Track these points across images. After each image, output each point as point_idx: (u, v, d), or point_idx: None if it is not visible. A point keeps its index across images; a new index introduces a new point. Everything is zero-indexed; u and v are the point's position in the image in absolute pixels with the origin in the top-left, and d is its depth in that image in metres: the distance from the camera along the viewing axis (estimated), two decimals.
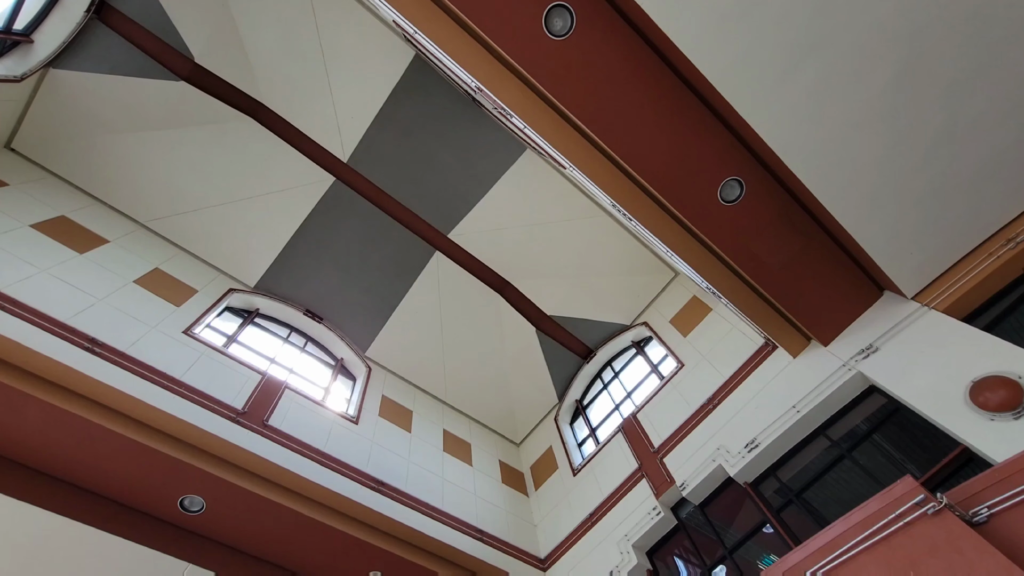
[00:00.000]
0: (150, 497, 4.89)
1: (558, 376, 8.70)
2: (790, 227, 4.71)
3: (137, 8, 6.11)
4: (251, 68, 6.74)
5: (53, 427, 4.47)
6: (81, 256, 5.64)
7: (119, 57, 6.22)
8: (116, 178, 6.70)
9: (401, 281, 8.02)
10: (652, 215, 4.65)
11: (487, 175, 7.60)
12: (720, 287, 5.07)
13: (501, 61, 3.98)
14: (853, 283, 5.06)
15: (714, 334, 6.76)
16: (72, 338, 4.64)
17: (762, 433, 5.15)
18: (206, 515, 4.98)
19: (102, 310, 5.16)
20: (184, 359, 5.37)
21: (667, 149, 4.26)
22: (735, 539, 5.12)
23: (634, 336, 8.32)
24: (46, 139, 6.38)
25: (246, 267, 7.44)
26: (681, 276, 8.12)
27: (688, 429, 6.00)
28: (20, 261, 5.02)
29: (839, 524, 2.76)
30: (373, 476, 5.80)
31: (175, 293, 6.19)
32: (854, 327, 5.16)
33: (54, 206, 6.01)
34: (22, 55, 5.86)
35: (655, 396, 6.86)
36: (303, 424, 5.74)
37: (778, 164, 4.30)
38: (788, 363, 5.49)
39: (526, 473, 8.27)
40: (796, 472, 5.05)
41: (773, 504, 4.92)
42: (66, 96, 6.23)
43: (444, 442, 7.51)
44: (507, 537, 6.54)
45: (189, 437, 4.83)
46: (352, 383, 7.58)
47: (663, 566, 5.62)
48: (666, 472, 5.85)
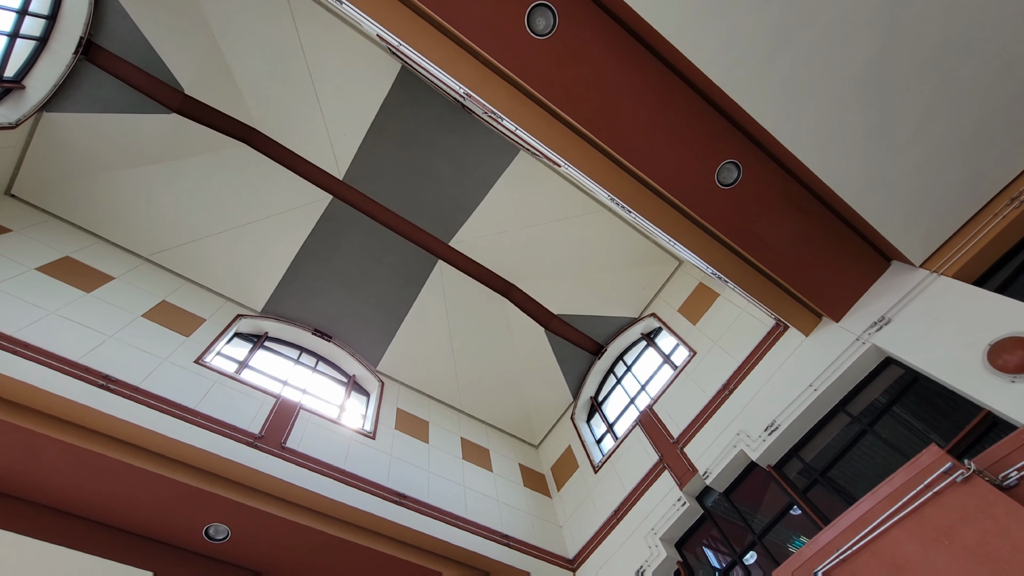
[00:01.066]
0: (175, 528, 4.90)
1: (571, 374, 8.68)
2: (791, 205, 4.68)
3: (124, 45, 6.17)
4: (241, 94, 6.79)
5: (73, 467, 4.49)
6: (88, 295, 5.68)
7: (110, 95, 6.28)
8: (117, 215, 6.76)
9: (406, 293, 8.03)
10: (651, 206, 4.63)
11: (483, 180, 7.60)
12: (726, 272, 5.05)
13: (487, 65, 3.99)
14: (859, 256, 5.02)
15: (724, 319, 6.72)
16: (86, 377, 4.67)
17: (781, 415, 5.11)
18: (232, 542, 4.98)
19: (113, 346, 5.19)
20: (198, 388, 5.39)
21: (661, 138, 4.25)
22: (763, 524, 5.07)
23: (643, 328, 8.29)
24: (45, 182, 6.44)
25: (252, 292, 7.47)
26: (686, 264, 8.10)
27: (706, 417, 5.96)
28: (28, 304, 5.06)
29: (867, 500, 2.72)
30: (394, 490, 5.79)
31: (184, 324, 6.22)
32: (864, 300, 5.12)
33: (58, 247, 6.06)
34: (15, 101, 5.93)
35: (670, 386, 6.82)
36: (321, 444, 5.74)
37: (774, 144, 4.29)
38: (801, 342, 5.45)
39: (547, 474, 8.23)
40: (819, 451, 5.00)
41: (798, 485, 4.87)
42: (61, 138, 6.29)
43: (463, 450, 7.49)
44: (533, 540, 6.51)
45: (209, 466, 4.84)
46: (366, 399, 7.59)
47: (692, 557, 5.57)
48: (688, 462, 5.81)
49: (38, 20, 5.73)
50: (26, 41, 5.76)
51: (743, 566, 5.02)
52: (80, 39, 5.94)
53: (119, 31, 6.10)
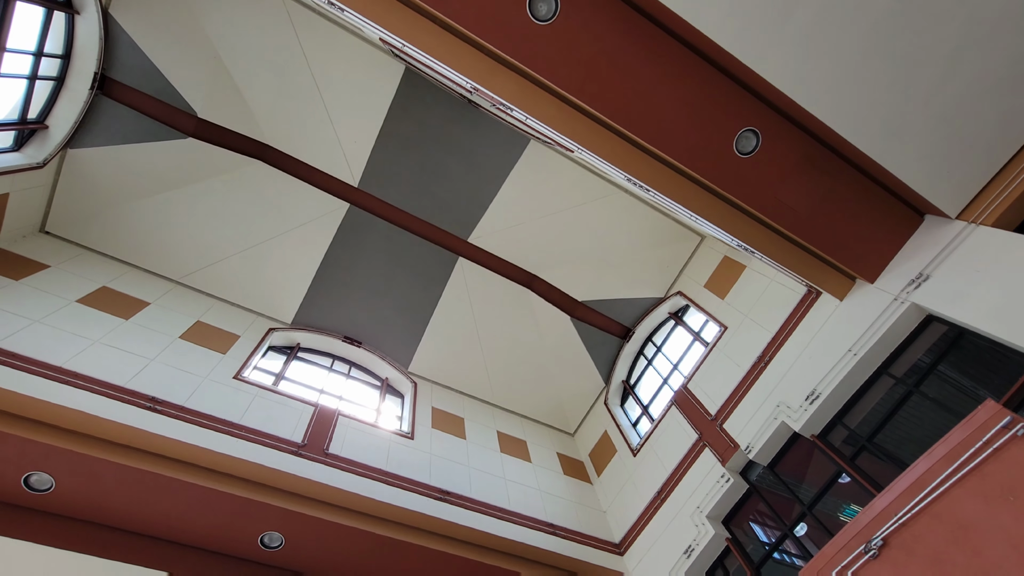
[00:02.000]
0: (231, 539, 5.06)
1: (600, 360, 8.65)
2: (815, 168, 4.55)
3: (137, 76, 6.31)
4: (252, 113, 6.89)
5: (130, 487, 4.66)
6: (127, 321, 5.87)
7: (128, 126, 6.44)
8: (146, 242, 6.96)
9: (430, 293, 8.09)
10: (670, 182, 4.56)
11: (496, 173, 7.59)
12: (752, 242, 4.95)
13: (493, 57, 3.96)
14: (890, 213, 4.86)
15: (753, 291, 6.60)
16: (134, 400, 4.84)
17: (821, 383, 5.00)
18: (286, 549, 5.12)
19: (156, 369, 5.37)
20: (239, 403, 5.54)
21: (674, 113, 4.17)
22: (811, 494, 4.99)
23: (670, 307, 8.20)
24: (75, 217, 6.67)
25: (281, 305, 7.62)
26: (709, 239, 7.97)
27: (743, 391, 5.88)
28: (73, 336, 5.25)
29: (922, 462, 2.65)
30: (437, 487, 5.87)
31: (219, 341, 6.39)
32: (899, 258, 4.96)
33: (94, 279, 6.27)
34: (40, 142, 6.14)
35: (703, 363, 6.75)
36: (362, 447, 5.85)
37: (792, 106, 4.17)
38: (836, 307, 5.32)
39: (586, 461, 8.24)
40: (863, 417, 4.89)
41: (845, 453, 4.78)
42: (86, 173, 6.49)
43: (500, 443, 7.55)
44: (578, 527, 6.54)
45: (258, 477, 4.98)
46: (400, 400, 7.69)
47: (741, 533, 5.52)
48: (728, 438, 5.75)
49: (54, 60, 5.90)
50: (45, 82, 5.93)
51: (794, 538, 4.96)
52: (95, 74, 6.10)
53: (130, 63, 6.24)
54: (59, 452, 4.38)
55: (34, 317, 5.21)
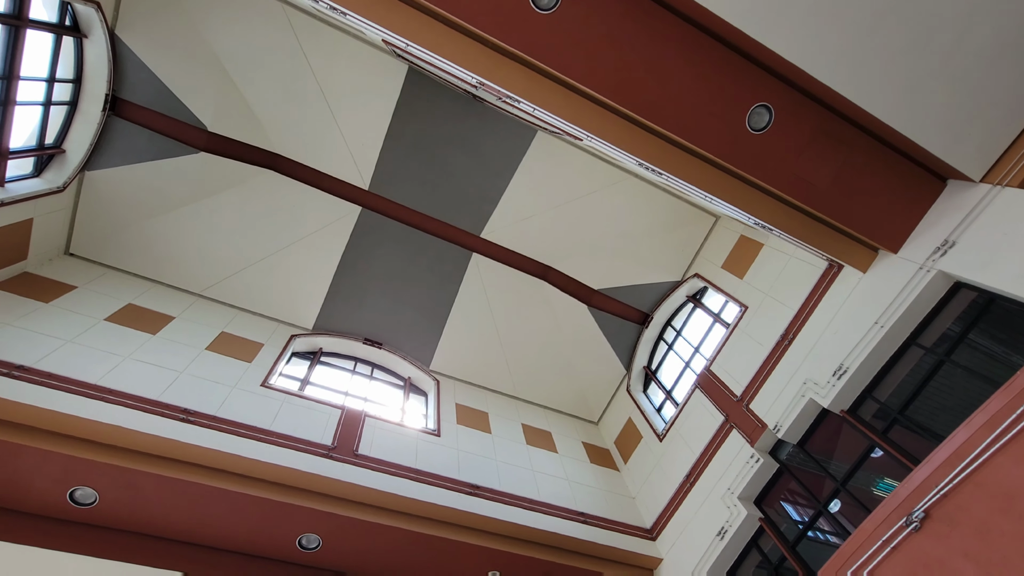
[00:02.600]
0: (270, 543, 5.17)
1: (620, 347, 8.63)
2: (831, 139, 4.47)
3: (146, 95, 6.40)
4: (260, 123, 6.95)
5: (169, 496, 4.79)
6: (155, 336, 6.00)
7: (142, 145, 6.55)
8: (166, 258, 7.09)
9: (447, 291, 8.13)
10: (683, 164, 4.51)
11: (505, 167, 7.57)
12: (770, 219, 4.88)
13: (497, 50, 3.94)
14: (911, 180, 4.76)
15: (772, 269, 6.52)
16: (168, 413, 4.95)
17: (848, 357, 4.94)
18: (324, 549, 5.22)
19: (186, 381, 5.48)
20: (268, 410, 5.64)
21: (683, 93, 4.11)
22: (843, 470, 4.94)
23: (688, 290, 8.14)
24: (97, 237, 6.81)
25: (301, 312, 7.72)
26: (724, 219, 7.88)
27: (768, 370, 5.83)
28: (104, 353, 5.38)
29: (961, 431, 2.61)
30: (467, 482, 5.93)
31: (244, 351, 6.50)
32: (923, 226, 4.86)
33: (120, 297, 6.41)
34: (58, 166, 6.27)
35: (725, 345, 6.69)
36: (390, 447, 5.93)
37: (804, 78, 4.08)
38: (859, 280, 5.24)
39: (611, 449, 8.25)
40: (894, 389, 4.82)
41: (876, 427, 4.72)
42: (105, 194, 6.62)
43: (525, 435, 7.58)
44: (609, 514, 6.56)
45: (291, 480, 5.07)
46: (424, 398, 7.76)
47: (774, 513, 5.49)
48: (755, 418, 5.71)
49: (66, 85, 6.00)
50: (59, 107, 6.05)
51: (828, 515, 4.92)
52: (106, 96, 6.20)
53: (139, 82, 6.33)
54: (100, 467, 4.50)
55: (66, 337, 5.34)
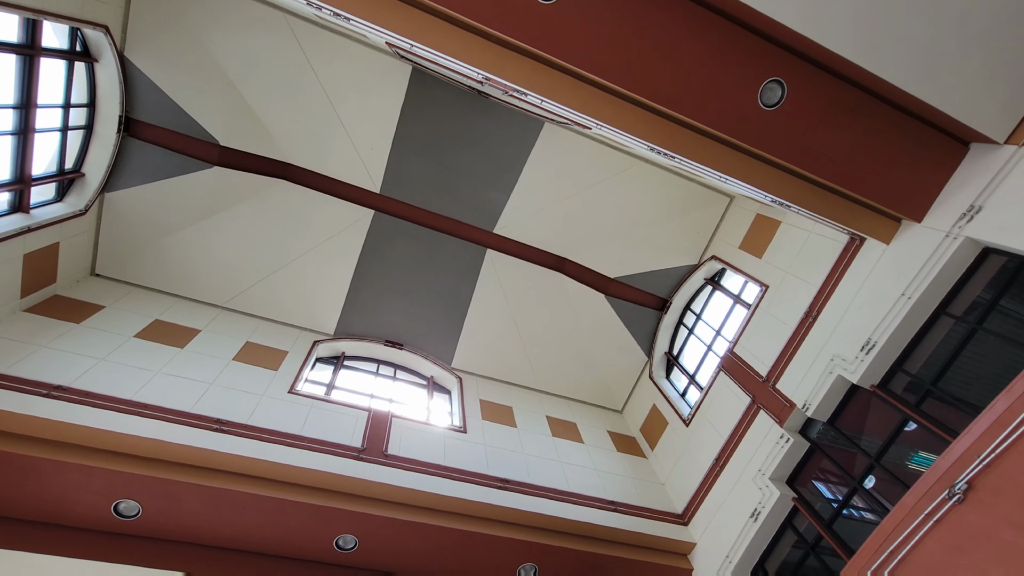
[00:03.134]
0: (308, 545, 5.28)
1: (640, 334, 8.59)
2: (846, 111, 4.38)
3: (158, 114, 6.51)
4: (270, 134, 7.03)
5: (208, 504, 4.91)
6: (183, 350, 6.13)
7: (157, 163, 6.67)
8: (188, 272, 7.23)
9: (463, 288, 8.16)
10: (696, 146, 4.46)
11: (514, 161, 7.56)
12: (787, 196, 4.81)
13: (502, 44, 3.93)
14: (932, 147, 4.64)
15: (791, 246, 6.43)
16: (201, 424, 5.07)
17: (876, 331, 4.86)
18: (361, 549, 5.31)
19: (216, 392, 5.60)
20: (297, 415, 5.74)
21: (692, 75, 4.06)
22: (875, 446, 4.87)
23: (706, 273, 8.07)
24: (121, 257, 6.97)
25: (322, 318, 7.82)
26: (739, 198, 7.78)
27: (793, 349, 5.76)
28: (136, 369, 5.52)
29: (1001, 399, 2.56)
30: (497, 476, 5.98)
31: (270, 359, 6.62)
32: (947, 192, 4.75)
33: (147, 314, 6.56)
34: (79, 189, 6.42)
35: (747, 326, 6.63)
36: (418, 446, 5.99)
37: (815, 49, 4.00)
38: (883, 252, 5.14)
39: (637, 436, 8.24)
40: (924, 361, 4.73)
41: (909, 400, 4.64)
42: (125, 213, 6.77)
43: (550, 427, 7.61)
44: (639, 502, 6.56)
45: (324, 483, 5.16)
46: (448, 396, 7.82)
47: (807, 492, 5.44)
48: (783, 398, 5.65)
49: (81, 109, 6.13)
50: (75, 132, 6.18)
51: (863, 491, 4.86)
52: (119, 118, 6.32)
53: (151, 102, 6.44)
54: (141, 479, 4.63)
55: (99, 356, 5.49)
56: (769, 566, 5.45)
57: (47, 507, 4.65)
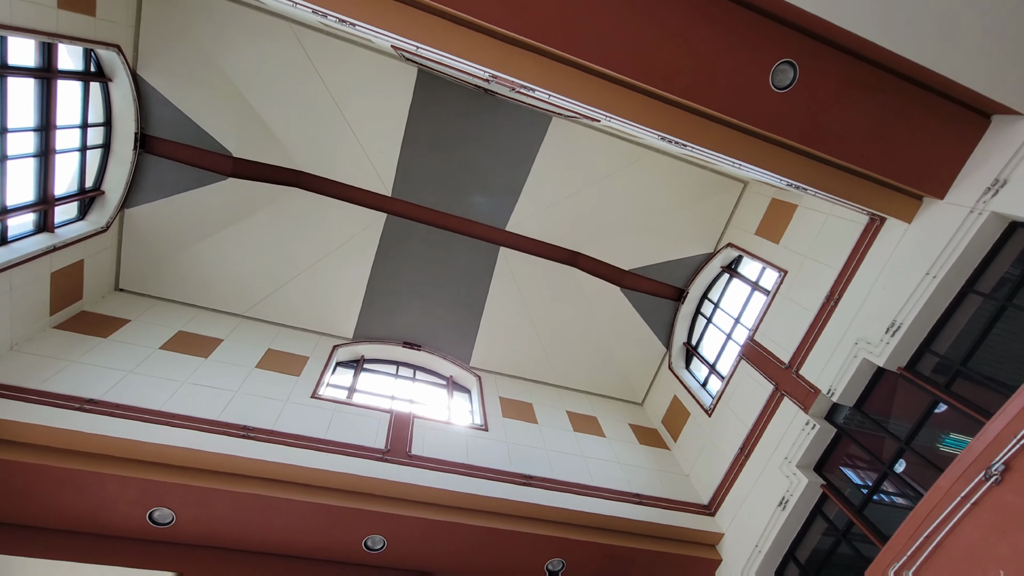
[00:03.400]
0: (338, 546, 5.35)
1: (657, 326, 8.53)
2: (862, 89, 4.29)
3: (172, 129, 6.63)
4: (281, 143, 7.12)
5: (239, 510, 5.00)
6: (207, 360, 6.25)
7: (173, 178, 6.79)
8: (208, 283, 7.36)
9: (478, 287, 8.18)
10: (707, 133, 4.41)
11: (523, 158, 7.55)
12: (803, 179, 4.73)
13: (508, 41, 3.92)
14: (953, 121, 4.53)
15: (809, 230, 6.33)
16: (228, 431, 5.17)
17: (900, 312, 4.76)
18: (389, 549, 5.37)
19: (242, 400, 5.70)
20: (321, 420, 5.81)
21: (701, 60, 4.01)
22: (904, 429, 4.78)
23: (722, 261, 7.98)
24: (143, 271, 7.12)
25: (340, 322, 7.91)
26: (753, 184, 7.67)
27: (815, 334, 5.67)
28: (163, 380, 5.64)
29: None
30: (520, 472, 6.00)
31: (291, 365, 6.71)
32: (969, 167, 4.63)
33: (170, 325, 6.70)
34: (100, 207, 6.56)
35: (767, 312, 6.54)
36: (441, 445, 6.04)
37: (827, 28, 3.92)
38: (904, 231, 5.03)
39: (659, 428, 8.19)
40: (953, 340, 4.63)
41: (938, 382, 4.54)
42: (144, 229, 6.91)
43: (571, 422, 7.61)
44: (664, 494, 6.53)
45: (351, 486, 5.23)
46: (468, 395, 7.86)
47: (836, 478, 5.37)
48: (807, 384, 5.57)
49: (98, 129, 6.27)
50: (93, 151, 6.32)
51: (894, 475, 4.78)
52: (135, 135, 6.45)
53: (164, 117, 6.56)
54: (174, 487, 4.74)
55: (127, 369, 5.62)
56: (800, 554, 5.39)
57: (85, 517, 4.79)
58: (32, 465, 4.47)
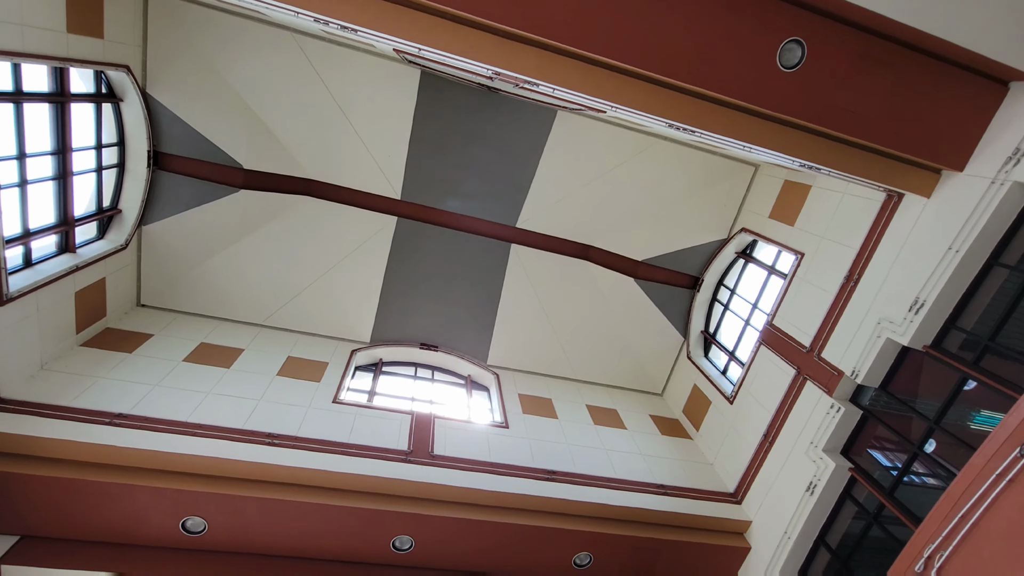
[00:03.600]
0: (366, 548, 5.42)
1: (673, 315, 8.47)
2: (873, 64, 4.19)
3: (183, 145, 6.73)
4: (290, 152, 7.19)
5: (269, 516, 5.08)
6: (230, 370, 6.36)
7: (187, 193, 6.90)
8: (226, 295, 7.47)
9: (492, 285, 8.19)
10: (716, 117, 4.35)
11: (530, 154, 7.53)
12: (816, 158, 4.65)
13: (509, 37, 3.91)
14: (969, 90, 4.41)
15: (824, 211, 6.22)
16: (254, 439, 5.25)
17: (923, 289, 4.66)
18: (417, 549, 5.42)
19: (265, 408, 5.79)
20: (343, 424, 5.88)
21: (706, 44, 3.95)
22: (932, 408, 4.69)
23: (736, 246, 7.89)
24: (164, 286, 7.25)
25: (357, 327, 7.98)
26: (764, 166, 7.57)
27: (836, 315, 5.58)
28: (188, 392, 5.75)
29: None
30: (543, 468, 6.01)
31: (312, 372, 6.80)
32: (988, 137, 4.51)
33: (192, 338, 6.82)
34: (118, 225, 6.70)
35: (785, 296, 6.45)
36: (463, 444, 6.07)
37: (834, 3, 3.84)
38: (924, 206, 4.92)
39: (680, 418, 8.14)
40: (979, 315, 4.52)
41: (966, 358, 4.44)
42: (162, 244, 7.03)
43: (592, 416, 7.59)
44: (688, 483, 6.49)
45: (375, 488, 5.28)
46: (487, 393, 7.88)
47: (864, 461, 5.28)
48: (830, 367, 5.49)
49: (112, 149, 6.39)
50: (109, 171, 6.45)
51: (924, 455, 4.69)
52: (148, 153, 6.56)
53: (175, 134, 6.66)
54: (204, 496, 4.84)
55: (153, 382, 5.74)
56: (830, 539, 5.32)
57: (121, 528, 4.91)
58: (67, 480, 4.59)
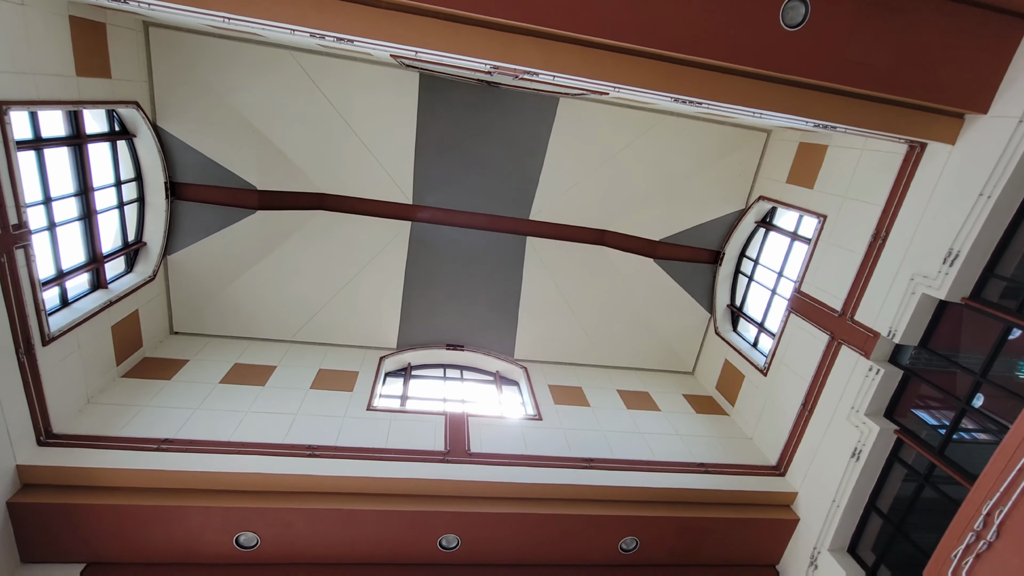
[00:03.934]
0: (414, 549, 5.50)
1: (697, 292, 8.36)
2: (880, 11, 4.04)
3: (197, 173, 6.88)
4: (300, 169, 7.29)
5: (317, 526, 5.20)
6: (265, 387, 6.50)
7: (207, 219, 7.06)
8: (254, 315, 7.64)
9: (511, 279, 8.20)
10: (723, 87, 4.25)
11: (536, 144, 7.49)
12: (832, 117, 4.52)
13: (505, 29, 3.88)
14: (986, 28, 4.22)
15: (844, 169, 6.05)
16: (295, 452, 5.37)
17: (956, 239, 4.50)
18: (464, 546, 5.49)
19: (302, 421, 5.91)
20: (379, 430, 5.97)
21: (704, 13, 3.86)
22: (976, 362, 4.53)
23: (755, 215, 7.73)
24: (193, 313, 7.45)
25: (383, 334, 8.08)
26: (776, 131, 7.38)
27: (866, 276, 5.43)
28: (228, 412, 5.91)
29: None
30: (580, 456, 6.01)
31: (344, 382, 6.91)
32: (1011, 74, 4.32)
33: (226, 360, 6.99)
34: (144, 258, 6.89)
35: (810, 261, 6.31)
36: (499, 440, 6.10)
37: None
38: (949, 153, 4.74)
39: (714, 395, 8.05)
40: (1019, 261, 4.35)
41: (1009, 307, 4.28)
42: (188, 272, 7.22)
43: (624, 401, 7.56)
44: (729, 460, 6.42)
45: (417, 490, 5.36)
46: (517, 387, 7.91)
47: (910, 422, 5.14)
48: (864, 329, 5.35)
49: (131, 184, 6.57)
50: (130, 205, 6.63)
51: (973, 411, 4.55)
52: (165, 184, 6.72)
53: (189, 163, 6.81)
54: (253, 511, 4.97)
55: (193, 406, 5.91)
56: (881, 504, 5.21)
57: (178, 548, 5.08)
58: (123, 506, 4.77)
